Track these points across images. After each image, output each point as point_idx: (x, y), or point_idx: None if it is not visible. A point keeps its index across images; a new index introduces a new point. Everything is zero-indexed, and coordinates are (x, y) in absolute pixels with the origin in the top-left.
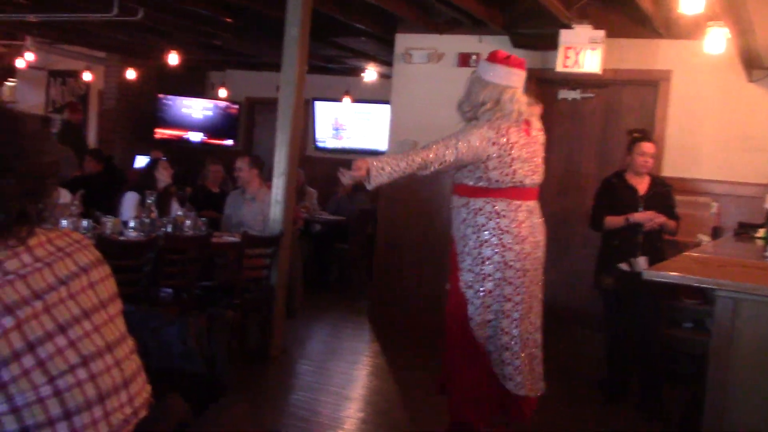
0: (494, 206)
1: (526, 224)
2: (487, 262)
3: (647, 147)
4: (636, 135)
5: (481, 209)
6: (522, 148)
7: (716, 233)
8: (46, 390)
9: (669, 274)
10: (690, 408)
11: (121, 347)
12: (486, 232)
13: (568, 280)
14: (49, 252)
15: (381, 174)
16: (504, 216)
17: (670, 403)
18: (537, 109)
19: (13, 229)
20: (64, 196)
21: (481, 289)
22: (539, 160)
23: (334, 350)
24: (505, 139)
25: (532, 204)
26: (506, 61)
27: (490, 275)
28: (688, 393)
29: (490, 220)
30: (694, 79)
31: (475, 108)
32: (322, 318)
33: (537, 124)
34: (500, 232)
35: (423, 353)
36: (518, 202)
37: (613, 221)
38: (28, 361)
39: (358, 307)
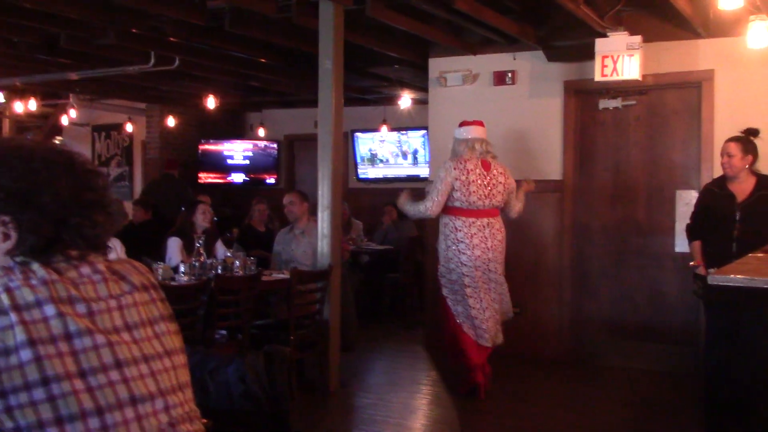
0: (454, 223)
1: (477, 236)
2: (450, 262)
3: (727, 146)
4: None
5: (447, 224)
6: (478, 176)
7: None
8: (79, 384)
9: (735, 277)
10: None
11: (161, 361)
12: (448, 241)
13: (625, 292)
14: (106, 273)
15: (406, 209)
16: (459, 230)
17: None
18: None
19: (53, 250)
20: (116, 246)
21: (449, 278)
22: (496, 191)
23: (393, 381)
24: (463, 165)
25: (486, 220)
26: (471, 123)
27: (453, 270)
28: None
29: (451, 232)
30: (738, 76)
31: (457, 154)
32: (378, 349)
33: (500, 169)
34: (457, 241)
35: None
36: (472, 219)
37: (694, 249)
38: (63, 346)
39: (414, 336)
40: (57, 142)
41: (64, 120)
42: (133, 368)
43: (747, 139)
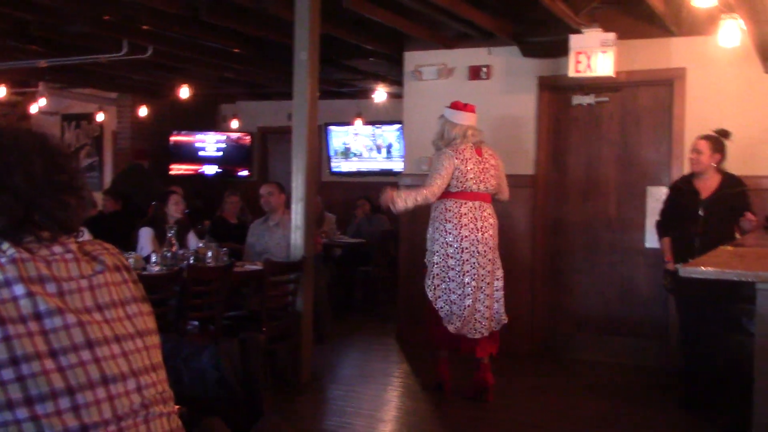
0: (445, 204)
1: (467, 216)
2: (435, 244)
3: (697, 143)
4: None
5: (437, 207)
6: (475, 163)
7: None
8: (50, 364)
9: (705, 269)
10: (738, 409)
11: (133, 342)
12: (436, 222)
13: (596, 287)
14: (78, 252)
15: (404, 204)
16: (449, 210)
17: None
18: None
19: (24, 230)
20: (85, 235)
21: (433, 261)
22: (489, 175)
23: (365, 373)
24: (462, 155)
25: (478, 203)
26: (465, 108)
27: (437, 252)
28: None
29: (441, 213)
30: (709, 74)
31: (448, 141)
32: (350, 342)
33: (489, 152)
34: (444, 221)
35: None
36: (462, 201)
37: (664, 245)
38: (33, 326)
39: (386, 329)
40: None
41: (33, 108)
42: (104, 348)
43: (717, 138)
